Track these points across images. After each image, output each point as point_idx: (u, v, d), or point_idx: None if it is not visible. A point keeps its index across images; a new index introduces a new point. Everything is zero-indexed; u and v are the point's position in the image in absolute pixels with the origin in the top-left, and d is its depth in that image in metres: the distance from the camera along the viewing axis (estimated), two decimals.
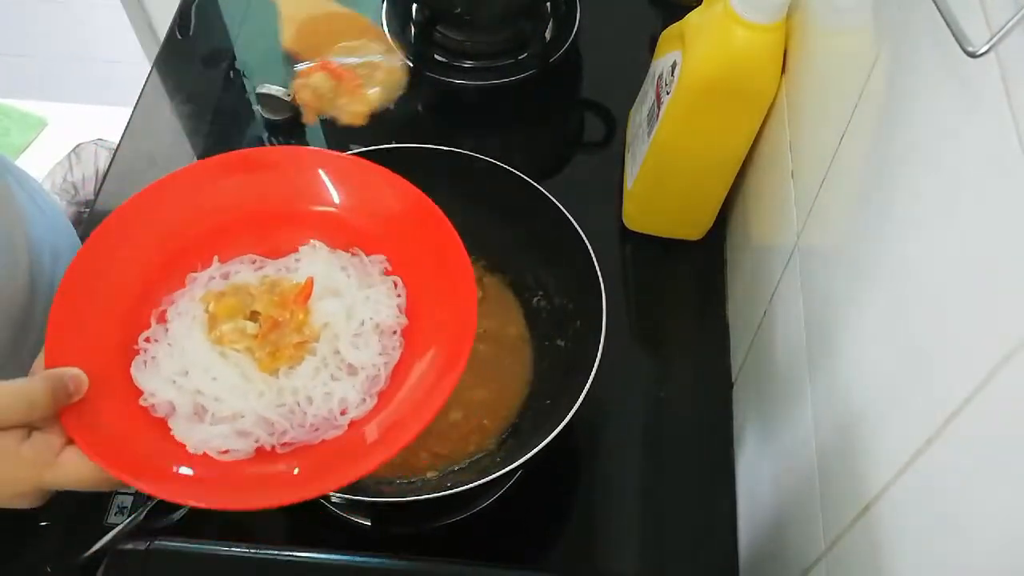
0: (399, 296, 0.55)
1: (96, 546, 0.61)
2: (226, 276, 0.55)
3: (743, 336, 0.75)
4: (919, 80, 0.43)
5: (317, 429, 0.50)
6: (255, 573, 0.54)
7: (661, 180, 0.79)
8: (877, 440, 0.45)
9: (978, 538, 0.35)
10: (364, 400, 0.51)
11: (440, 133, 0.95)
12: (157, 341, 0.52)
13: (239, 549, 0.54)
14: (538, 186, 0.70)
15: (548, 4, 0.98)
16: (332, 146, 0.63)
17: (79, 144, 1.54)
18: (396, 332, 0.54)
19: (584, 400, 0.59)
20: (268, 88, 0.90)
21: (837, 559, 0.49)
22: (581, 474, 0.73)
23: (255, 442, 0.49)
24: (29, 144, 1.90)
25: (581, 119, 0.97)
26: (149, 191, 0.56)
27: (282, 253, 0.57)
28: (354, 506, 0.67)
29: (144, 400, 0.50)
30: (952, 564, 0.37)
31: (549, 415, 0.63)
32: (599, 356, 0.61)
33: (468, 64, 0.95)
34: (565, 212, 0.69)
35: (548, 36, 0.97)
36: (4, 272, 0.67)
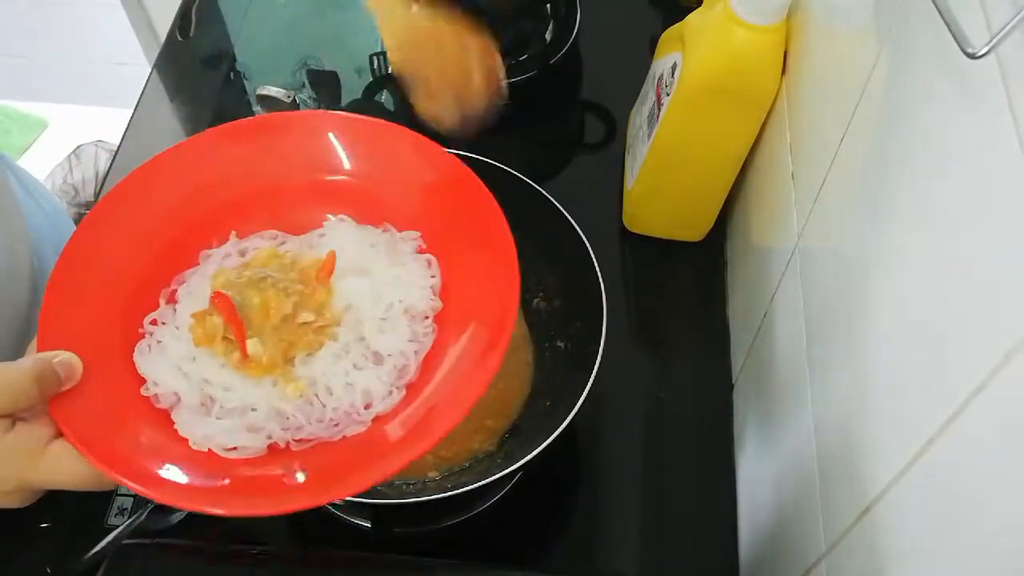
0: (433, 277, 0.49)
1: (97, 547, 0.61)
2: (243, 253, 0.50)
3: (743, 337, 0.75)
4: (919, 81, 0.43)
5: (337, 424, 0.45)
6: (255, 574, 0.54)
7: (661, 181, 0.79)
8: (878, 441, 0.45)
9: (979, 539, 0.35)
10: (391, 392, 0.45)
11: (440, 134, 0.95)
12: (164, 324, 0.48)
13: (238, 551, 0.54)
14: (538, 187, 0.70)
15: (548, 5, 0.98)
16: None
17: (79, 145, 1.54)
18: (428, 317, 0.48)
19: (584, 401, 0.59)
20: (268, 90, 0.90)
21: (838, 560, 0.49)
22: (581, 475, 0.73)
23: (267, 438, 0.44)
24: (30, 145, 1.90)
25: (581, 120, 0.97)
26: (158, 159, 0.51)
27: (305, 228, 0.51)
28: (355, 507, 0.67)
29: (146, 390, 0.45)
30: (953, 565, 0.37)
31: (550, 416, 0.63)
32: (599, 357, 0.61)
33: None
34: (565, 212, 0.69)
35: (548, 37, 0.96)
36: (6, 272, 0.67)
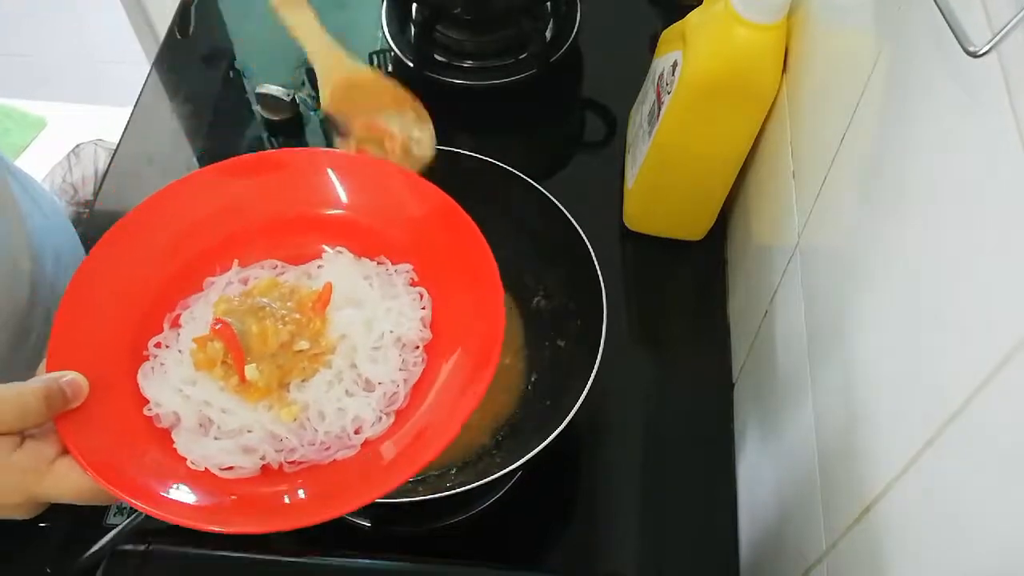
0: (424, 309, 0.52)
1: (96, 547, 0.61)
2: (245, 281, 0.53)
3: (744, 336, 0.75)
4: (920, 80, 0.43)
5: (328, 448, 0.47)
6: (254, 574, 0.54)
7: (662, 180, 0.79)
8: (878, 440, 0.45)
9: (979, 539, 0.35)
10: (380, 418, 0.48)
11: (440, 133, 0.95)
12: (168, 347, 0.50)
13: (238, 551, 0.54)
14: (538, 186, 0.70)
15: (548, 4, 0.98)
16: (333, 143, 0.62)
17: (78, 144, 1.54)
18: (419, 347, 0.51)
19: (584, 400, 0.59)
20: (268, 88, 0.90)
21: (838, 560, 0.49)
22: (581, 474, 0.72)
23: (261, 459, 0.47)
24: (29, 144, 1.90)
25: (581, 119, 0.97)
26: (167, 191, 0.54)
27: (304, 259, 0.54)
28: None
29: (148, 410, 0.48)
30: (953, 565, 0.37)
31: (549, 415, 0.62)
32: (599, 356, 0.61)
33: (468, 64, 0.95)
34: (565, 212, 0.69)
35: (548, 36, 0.96)
36: (5, 272, 0.67)
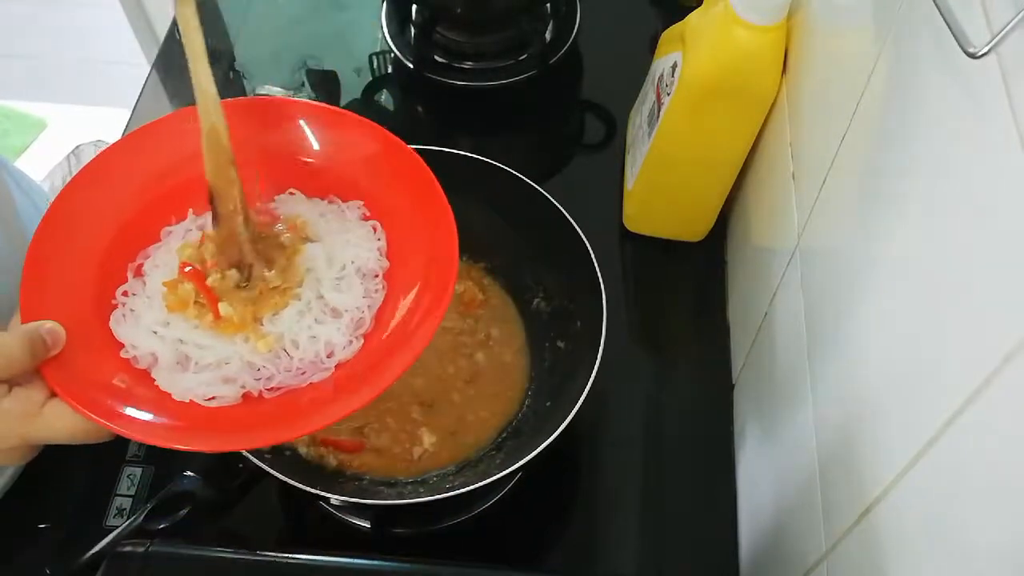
0: (379, 240, 0.55)
1: (96, 547, 0.61)
2: (202, 227, 0.55)
3: (744, 337, 0.75)
4: (920, 81, 0.43)
5: (304, 372, 0.50)
6: (254, 575, 0.54)
7: (661, 181, 0.79)
8: (878, 442, 0.45)
9: (980, 540, 0.35)
10: (350, 342, 0.51)
11: (440, 134, 0.95)
12: (135, 295, 0.52)
13: (238, 551, 0.54)
14: (538, 187, 0.70)
15: (548, 4, 0.98)
16: None
17: (78, 145, 1.54)
18: (378, 275, 0.54)
19: (584, 401, 0.59)
20: (268, 89, 0.90)
21: (838, 561, 0.49)
22: (581, 475, 0.72)
23: (241, 387, 0.49)
24: (28, 145, 1.90)
25: (581, 120, 0.97)
26: (120, 143, 0.56)
27: (259, 202, 0.56)
28: (355, 507, 0.67)
29: (125, 352, 0.50)
30: (953, 565, 0.37)
31: (549, 416, 0.62)
32: (599, 357, 0.61)
33: (468, 65, 0.95)
34: (565, 212, 0.69)
35: (548, 37, 0.97)
36: (3, 273, 0.67)
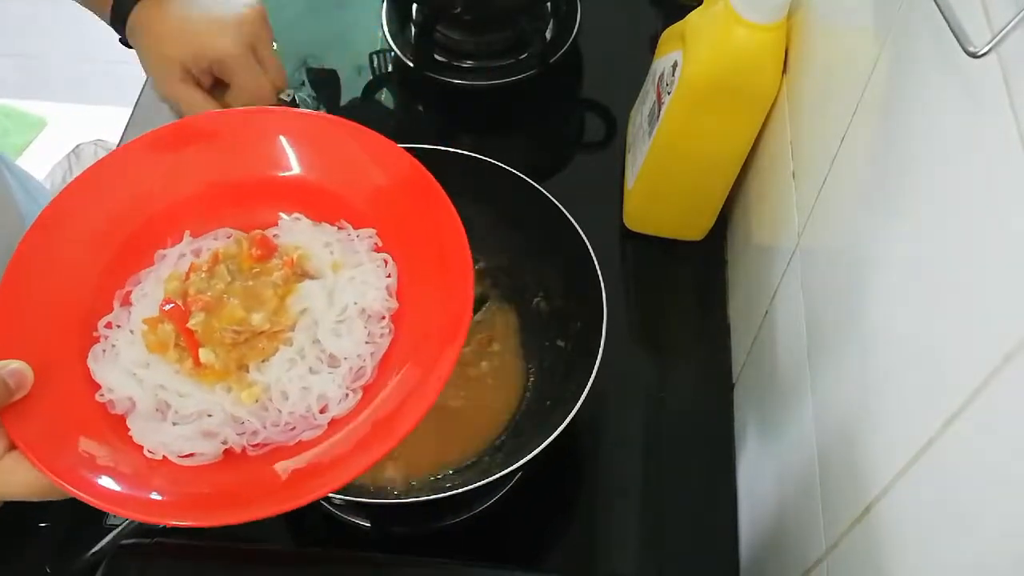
0: (389, 277, 0.49)
1: (97, 547, 0.61)
2: (197, 252, 0.50)
3: (744, 336, 0.75)
4: (920, 80, 0.43)
5: (293, 428, 0.45)
6: (254, 574, 0.54)
7: (662, 180, 0.79)
8: (878, 441, 0.45)
9: (980, 539, 0.35)
10: (347, 395, 0.46)
11: (440, 133, 0.95)
12: (119, 327, 0.48)
13: (238, 551, 0.54)
14: (538, 186, 0.70)
15: (548, 4, 0.98)
16: None
17: (79, 144, 1.54)
18: (385, 317, 0.48)
19: (584, 401, 0.59)
20: None
21: (838, 560, 0.49)
22: (581, 475, 0.72)
23: (222, 443, 0.44)
24: (29, 144, 1.90)
25: (581, 119, 0.97)
26: (108, 159, 0.51)
27: (259, 227, 0.51)
28: (354, 507, 0.67)
29: (100, 396, 0.45)
30: (953, 565, 0.37)
31: (549, 416, 0.62)
32: (599, 357, 0.61)
33: (468, 64, 0.95)
34: (565, 212, 0.69)
35: (548, 36, 0.96)
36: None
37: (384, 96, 0.98)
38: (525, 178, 0.71)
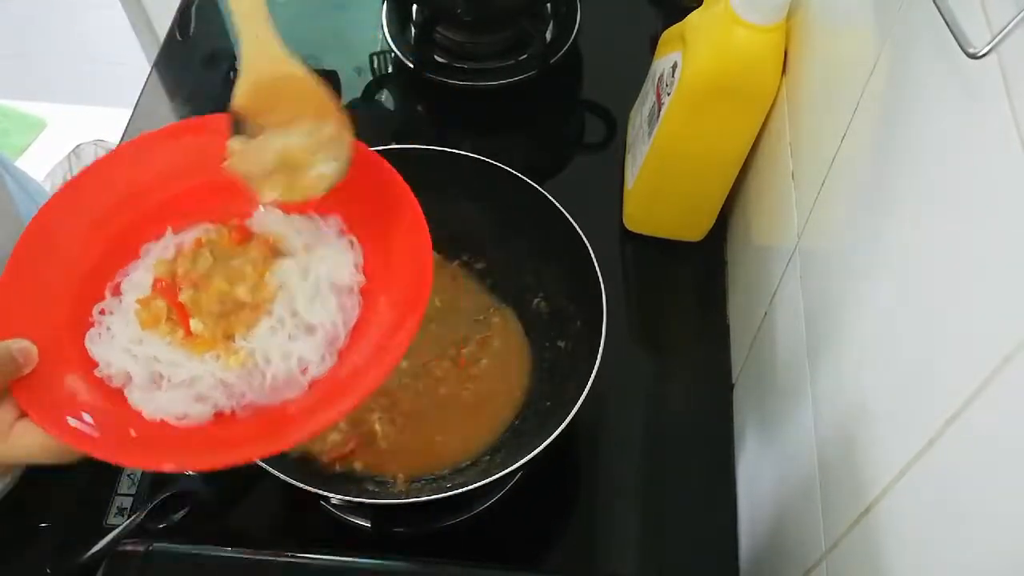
0: (356, 255, 0.55)
1: (96, 547, 0.61)
2: (180, 245, 0.55)
3: (743, 337, 0.75)
4: (920, 81, 0.43)
5: (277, 390, 0.50)
6: (254, 574, 0.54)
7: (662, 181, 0.79)
8: (878, 441, 0.45)
9: (980, 540, 0.35)
10: (324, 358, 0.51)
11: (440, 134, 0.95)
12: (112, 313, 0.52)
13: (238, 551, 0.54)
14: (538, 187, 0.70)
15: (548, 5, 0.98)
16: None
17: (79, 145, 1.54)
18: (354, 290, 0.53)
19: (584, 401, 0.59)
20: None
21: (838, 560, 0.49)
22: (581, 475, 0.73)
23: (213, 406, 0.49)
24: (29, 145, 1.90)
25: (581, 119, 0.97)
26: (102, 162, 0.56)
27: (236, 219, 0.56)
28: (354, 507, 0.67)
29: (99, 371, 0.50)
30: (953, 565, 0.37)
31: (549, 416, 0.63)
32: (599, 357, 0.61)
33: (468, 65, 0.95)
34: (565, 212, 0.69)
35: (548, 37, 0.97)
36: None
37: (384, 97, 0.98)
38: (525, 179, 0.71)
